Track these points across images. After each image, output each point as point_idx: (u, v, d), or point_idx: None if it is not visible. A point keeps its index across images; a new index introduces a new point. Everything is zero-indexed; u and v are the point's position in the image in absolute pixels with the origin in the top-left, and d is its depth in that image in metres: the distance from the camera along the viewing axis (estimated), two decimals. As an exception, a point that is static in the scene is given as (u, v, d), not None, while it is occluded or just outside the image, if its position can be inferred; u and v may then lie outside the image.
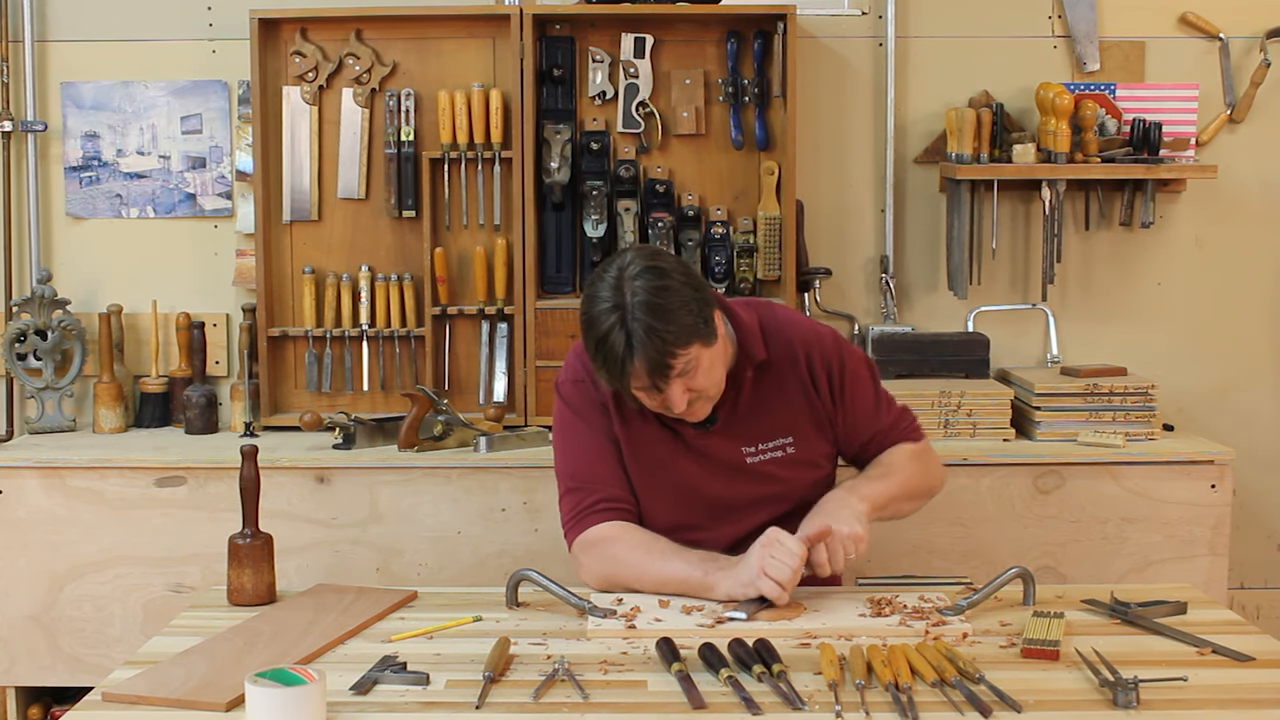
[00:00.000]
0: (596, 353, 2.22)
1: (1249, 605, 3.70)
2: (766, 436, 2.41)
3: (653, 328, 2.17)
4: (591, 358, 2.25)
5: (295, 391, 3.60)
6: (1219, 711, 1.84)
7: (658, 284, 2.20)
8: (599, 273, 2.26)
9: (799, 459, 2.43)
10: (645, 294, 2.18)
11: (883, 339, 3.54)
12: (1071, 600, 2.32)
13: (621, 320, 2.18)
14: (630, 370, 2.20)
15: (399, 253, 3.59)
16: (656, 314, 2.17)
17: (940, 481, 2.58)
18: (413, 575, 3.21)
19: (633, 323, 2.17)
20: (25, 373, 3.56)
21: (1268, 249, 3.73)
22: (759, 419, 2.41)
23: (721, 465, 2.41)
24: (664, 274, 2.21)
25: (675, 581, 2.27)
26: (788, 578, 2.16)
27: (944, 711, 1.83)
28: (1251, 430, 3.71)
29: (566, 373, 2.47)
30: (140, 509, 3.23)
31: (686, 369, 2.22)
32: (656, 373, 2.20)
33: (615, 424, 2.40)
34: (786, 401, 2.42)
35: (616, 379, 2.23)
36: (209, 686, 1.91)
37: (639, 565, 2.30)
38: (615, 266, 2.24)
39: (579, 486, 2.41)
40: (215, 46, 3.63)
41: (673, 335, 2.18)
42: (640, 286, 2.19)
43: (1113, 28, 3.66)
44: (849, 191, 3.70)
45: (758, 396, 2.41)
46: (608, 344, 2.19)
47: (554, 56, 3.52)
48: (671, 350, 2.18)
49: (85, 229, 3.68)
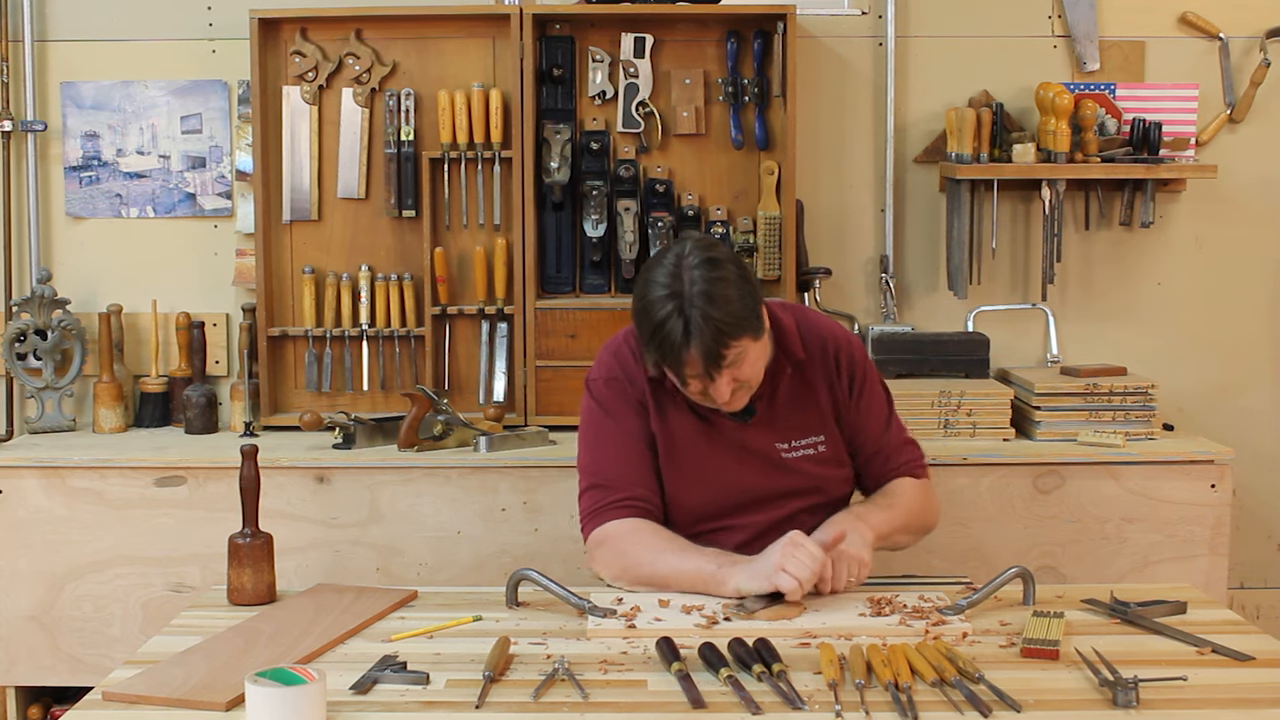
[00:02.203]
0: (652, 338, 2.26)
1: (1249, 605, 3.70)
2: (801, 433, 2.46)
3: (710, 316, 2.21)
4: (646, 343, 2.28)
5: (295, 391, 3.60)
6: (1219, 711, 1.84)
7: (715, 274, 2.24)
8: (656, 260, 2.30)
9: (828, 457, 2.48)
10: (704, 283, 2.22)
11: (883, 339, 3.54)
12: (1071, 600, 2.32)
13: (680, 308, 2.22)
14: (686, 357, 2.23)
15: (399, 253, 3.59)
16: (714, 303, 2.21)
17: (935, 520, 2.63)
18: (413, 575, 3.21)
19: (691, 310, 2.21)
20: (25, 372, 3.55)
21: (1267, 249, 3.73)
22: (794, 416, 2.45)
23: (757, 457, 2.44)
24: (720, 265, 2.26)
25: (688, 575, 2.29)
26: (806, 577, 2.19)
27: (944, 711, 1.83)
28: (1251, 430, 3.72)
29: (599, 370, 2.50)
30: (140, 509, 3.23)
31: (737, 360, 2.26)
32: (710, 361, 2.23)
33: (652, 417, 2.43)
34: (818, 401, 2.47)
35: (672, 365, 2.26)
36: (209, 686, 1.91)
37: (653, 559, 2.33)
38: (673, 254, 2.28)
39: (602, 484, 2.43)
40: (215, 46, 3.63)
41: (728, 325, 2.22)
42: (699, 275, 2.23)
43: (1113, 28, 3.66)
44: (849, 191, 3.70)
45: (794, 394, 2.45)
46: (665, 330, 2.23)
47: (554, 56, 3.52)
48: (726, 340, 2.22)
49: (85, 229, 3.68)
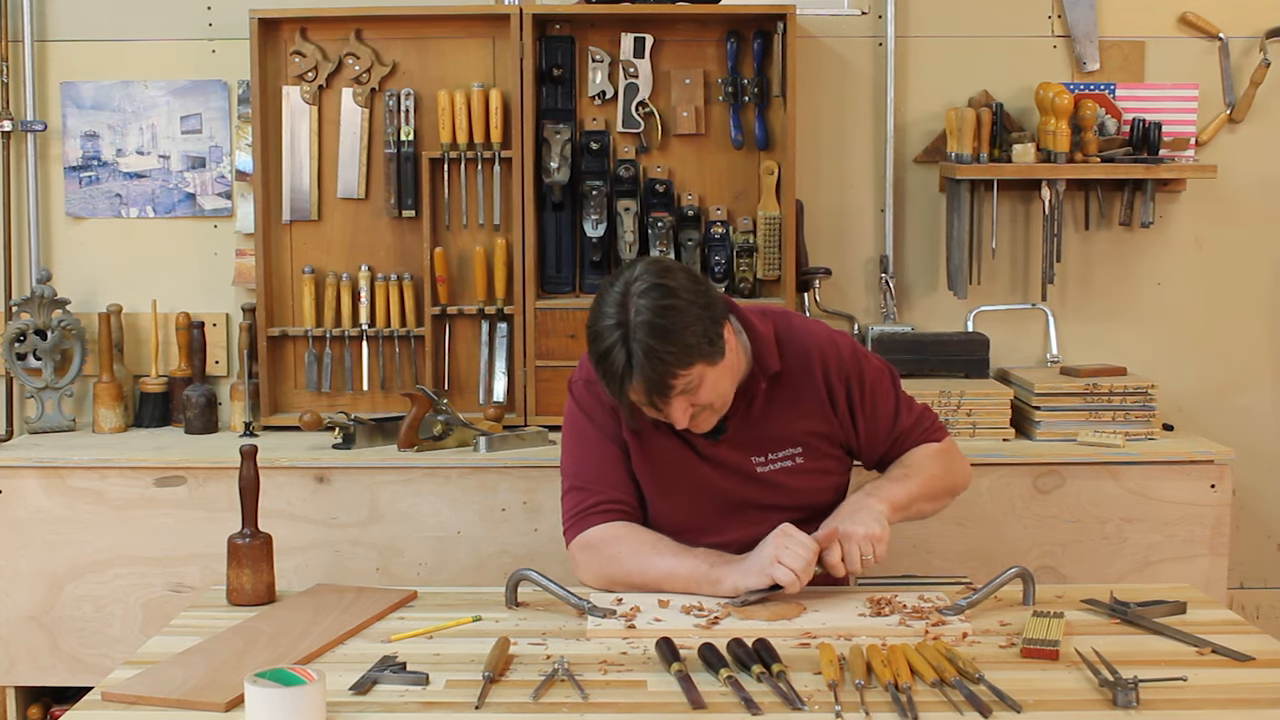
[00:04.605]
0: (598, 366, 2.23)
1: (1249, 605, 3.70)
2: (776, 447, 2.41)
3: (653, 349, 2.16)
4: (595, 369, 2.26)
5: (295, 391, 3.60)
6: (1219, 711, 1.84)
7: (663, 303, 2.18)
8: (606, 285, 2.25)
9: (808, 469, 2.43)
10: (649, 313, 2.17)
11: (882, 339, 3.54)
12: (1071, 600, 2.32)
13: (624, 338, 2.17)
14: (629, 387, 2.21)
15: (399, 253, 3.59)
16: (658, 335, 2.16)
17: (965, 480, 2.56)
18: (413, 575, 3.21)
19: (633, 343, 2.17)
20: (25, 373, 3.55)
21: (1267, 249, 3.73)
22: (770, 429, 2.41)
23: (732, 472, 2.41)
24: (671, 293, 2.19)
25: (681, 576, 2.28)
26: (801, 567, 2.18)
27: (944, 711, 1.83)
28: (1251, 430, 3.71)
29: (580, 371, 2.47)
30: (140, 509, 3.23)
31: (688, 388, 2.22)
32: (655, 391, 2.20)
33: (624, 427, 2.39)
34: (799, 413, 2.41)
35: (616, 394, 2.24)
36: (209, 686, 1.91)
37: (642, 562, 2.30)
38: (623, 281, 2.22)
39: (582, 486, 2.41)
40: (215, 46, 3.63)
41: (674, 356, 2.17)
42: (645, 305, 2.17)
43: (1113, 28, 3.66)
44: (849, 191, 3.70)
45: (770, 407, 2.40)
46: (609, 360, 2.20)
47: (554, 56, 3.52)
48: (672, 371, 2.18)
49: (85, 229, 3.68)
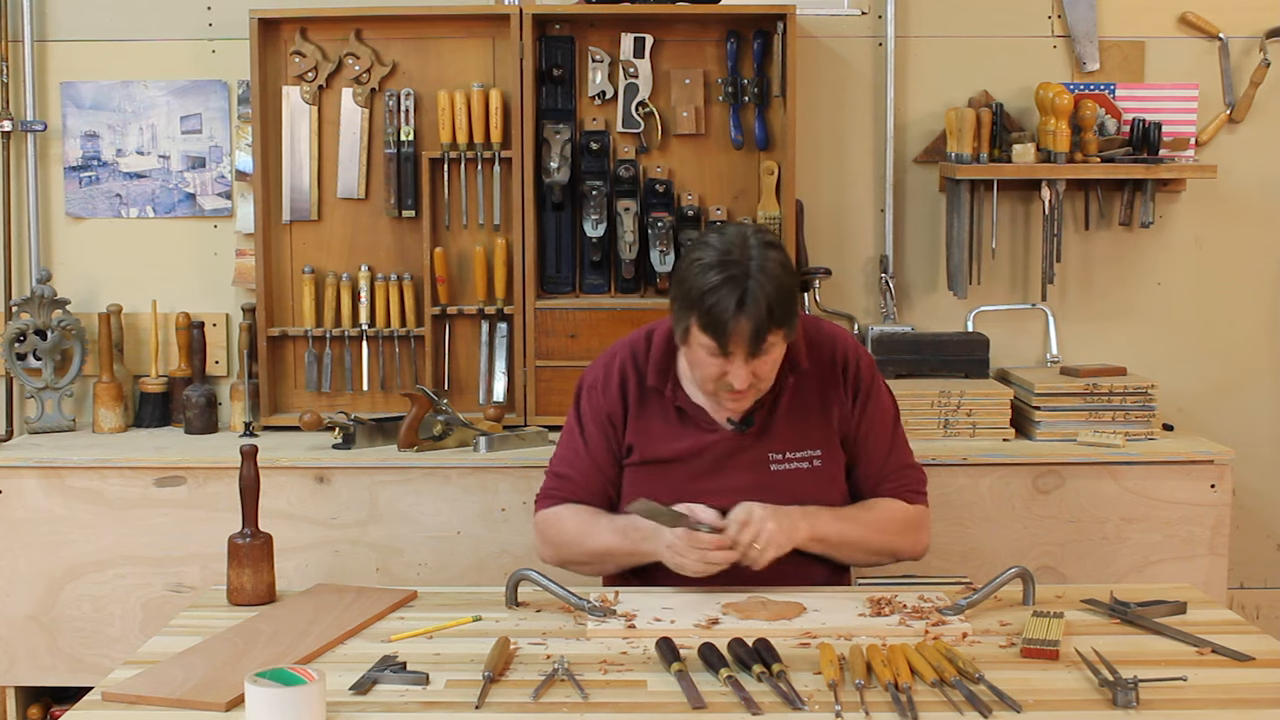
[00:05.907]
0: (700, 303, 2.21)
1: (1249, 605, 3.69)
2: (797, 445, 2.42)
3: (770, 296, 2.19)
4: (694, 303, 2.22)
5: (295, 391, 3.60)
6: (1219, 711, 1.85)
7: (784, 262, 2.25)
8: (711, 232, 2.30)
9: (822, 473, 2.43)
10: (774, 265, 2.22)
11: (882, 339, 3.54)
12: (1071, 600, 2.32)
13: (744, 275, 2.19)
14: (734, 328, 2.19)
15: (399, 253, 3.58)
16: (776, 286, 2.21)
17: (914, 552, 2.49)
18: (413, 575, 3.21)
19: (751, 283, 2.19)
20: (25, 373, 3.55)
21: (1267, 249, 3.72)
22: (793, 427, 2.42)
23: (743, 469, 2.40)
24: (783, 253, 2.28)
25: (605, 550, 2.40)
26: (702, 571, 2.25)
27: (944, 711, 1.83)
28: (1251, 430, 3.71)
29: (589, 375, 2.52)
30: (140, 509, 3.23)
31: (769, 350, 2.24)
32: (755, 337, 2.20)
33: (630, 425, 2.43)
34: (820, 413, 2.44)
35: (715, 333, 2.21)
36: (209, 686, 1.91)
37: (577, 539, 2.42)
38: (735, 229, 2.27)
39: (565, 474, 2.50)
40: (215, 46, 3.63)
41: (779, 312, 2.21)
42: (772, 257, 2.23)
43: (1112, 28, 3.65)
44: (849, 191, 3.70)
45: (793, 406, 2.42)
46: (717, 296, 2.19)
47: (554, 56, 3.52)
48: (773, 325, 2.21)
49: (85, 229, 3.68)
